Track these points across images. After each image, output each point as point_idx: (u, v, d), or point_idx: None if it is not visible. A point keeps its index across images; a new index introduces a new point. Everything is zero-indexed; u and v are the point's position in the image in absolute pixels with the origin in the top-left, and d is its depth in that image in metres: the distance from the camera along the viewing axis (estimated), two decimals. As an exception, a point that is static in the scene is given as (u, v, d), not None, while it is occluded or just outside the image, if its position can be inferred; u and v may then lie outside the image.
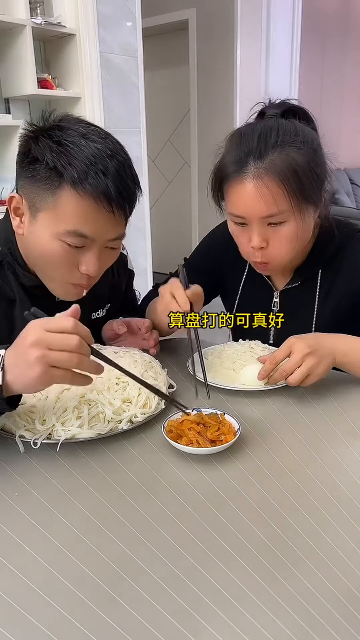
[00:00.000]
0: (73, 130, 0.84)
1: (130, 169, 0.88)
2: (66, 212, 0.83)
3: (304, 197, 0.94)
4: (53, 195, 0.83)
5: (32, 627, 0.49)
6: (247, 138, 0.94)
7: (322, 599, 0.52)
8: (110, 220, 0.86)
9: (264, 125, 0.95)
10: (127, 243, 1.11)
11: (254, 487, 0.69)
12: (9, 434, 0.78)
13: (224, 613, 0.51)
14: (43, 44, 2.70)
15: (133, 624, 0.50)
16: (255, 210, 0.94)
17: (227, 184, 0.97)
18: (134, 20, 2.80)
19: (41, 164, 0.83)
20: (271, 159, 0.91)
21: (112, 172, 0.83)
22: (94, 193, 0.82)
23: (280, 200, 0.92)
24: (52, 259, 0.87)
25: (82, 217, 0.83)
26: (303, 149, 0.93)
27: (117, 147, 0.87)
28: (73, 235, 0.84)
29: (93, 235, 0.85)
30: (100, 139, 0.85)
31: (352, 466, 0.74)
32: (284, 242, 0.97)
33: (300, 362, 0.88)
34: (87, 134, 0.84)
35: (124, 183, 0.85)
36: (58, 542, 0.60)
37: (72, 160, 0.81)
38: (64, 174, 0.81)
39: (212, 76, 4.13)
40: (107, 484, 0.70)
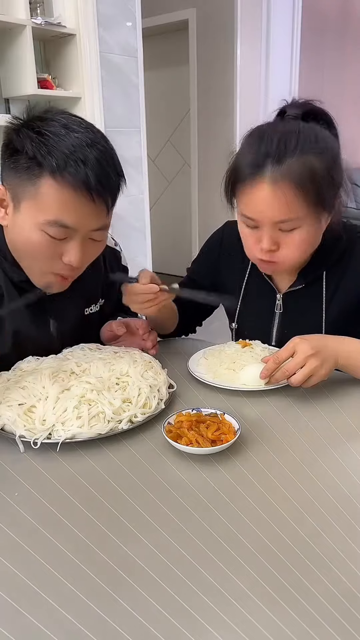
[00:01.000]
0: (54, 121, 0.84)
1: (112, 158, 0.87)
2: (46, 201, 0.83)
3: (320, 203, 0.93)
4: (33, 185, 0.83)
5: (32, 627, 0.49)
6: (266, 140, 0.93)
7: (322, 598, 0.52)
8: (92, 209, 0.85)
9: (285, 127, 0.94)
10: (126, 243, 1.12)
11: (253, 487, 0.69)
12: (9, 434, 0.78)
13: (224, 613, 0.51)
14: (43, 44, 2.70)
15: (133, 623, 0.50)
16: (268, 214, 0.93)
17: (242, 185, 0.95)
18: (134, 20, 2.80)
19: (22, 154, 0.83)
20: (289, 164, 0.90)
21: (92, 161, 0.83)
22: (73, 182, 0.82)
23: (295, 206, 0.91)
24: (34, 250, 0.87)
25: (62, 207, 0.83)
26: (322, 155, 0.91)
27: (98, 137, 0.87)
28: (54, 225, 0.84)
29: (74, 225, 0.85)
30: (82, 129, 0.85)
31: (352, 466, 0.74)
32: (294, 247, 0.97)
33: (303, 362, 0.88)
34: (68, 124, 0.84)
35: (104, 172, 0.84)
36: (58, 542, 0.60)
37: (51, 149, 0.81)
38: (43, 163, 0.81)
39: (212, 76, 4.14)
40: (107, 484, 0.70)
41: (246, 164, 0.94)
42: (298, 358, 0.88)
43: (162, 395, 0.89)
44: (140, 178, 3.04)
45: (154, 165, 4.89)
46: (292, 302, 1.12)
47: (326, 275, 1.09)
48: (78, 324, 1.07)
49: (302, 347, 0.89)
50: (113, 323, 1.08)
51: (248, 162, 0.93)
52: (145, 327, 1.07)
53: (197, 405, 0.88)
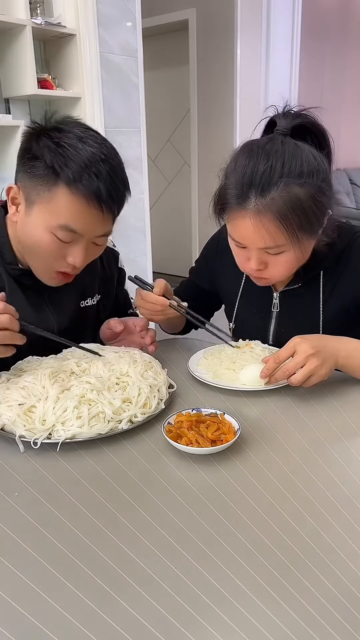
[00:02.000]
0: (72, 133, 0.90)
1: (121, 173, 0.95)
2: (59, 208, 0.90)
3: (303, 232, 0.93)
4: (49, 191, 0.89)
5: (32, 627, 0.49)
6: (251, 167, 0.91)
7: (321, 598, 0.52)
8: (99, 218, 0.92)
9: (271, 150, 0.91)
10: (127, 243, 1.14)
11: (253, 486, 0.69)
12: (9, 434, 0.78)
13: (224, 613, 0.51)
14: (43, 44, 2.69)
15: (133, 623, 0.50)
16: (253, 242, 0.95)
17: (228, 211, 0.96)
18: (134, 20, 2.80)
19: (40, 161, 0.90)
20: (272, 197, 0.89)
21: (104, 175, 0.89)
22: (86, 193, 0.89)
23: (277, 236, 0.92)
24: (42, 249, 0.94)
25: (73, 214, 0.90)
26: (306, 185, 0.90)
27: (111, 152, 0.93)
28: (64, 229, 0.91)
29: (82, 231, 0.92)
30: (97, 143, 0.91)
31: (352, 466, 0.74)
32: (281, 267, 0.99)
33: (303, 362, 0.88)
34: (84, 138, 0.90)
35: (114, 186, 0.91)
36: (58, 542, 0.60)
37: (68, 161, 0.88)
38: (60, 173, 0.88)
39: (212, 76, 4.14)
40: (107, 484, 0.70)
41: (231, 192, 0.93)
42: (298, 357, 0.89)
43: (162, 395, 0.89)
44: (140, 178, 3.03)
45: (154, 165, 4.89)
46: (289, 301, 1.13)
47: (323, 275, 1.09)
48: (74, 315, 1.12)
49: (302, 347, 0.89)
50: (111, 321, 1.10)
51: (233, 191, 0.93)
52: (143, 325, 1.09)
53: (197, 405, 0.88)
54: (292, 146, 0.92)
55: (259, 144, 0.94)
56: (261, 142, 0.95)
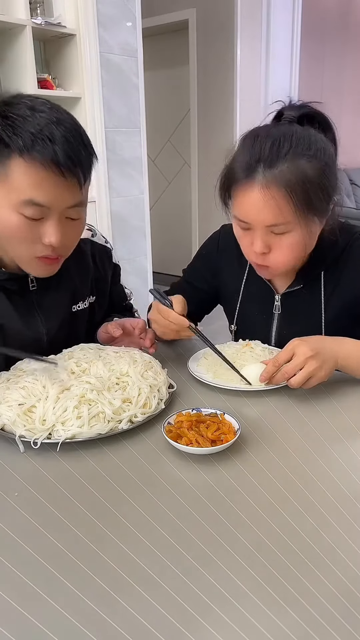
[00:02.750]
0: (20, 104, 0.85)
1: (80, 135, 0.88)
2: (18, 182, 0.84)
3: (311, 209, 0.93)
4: (3, 167, 0.84)
5: (32, 627, 0.49)
6: (260, 143, 0.93)
7: (321, 598, 0.52)
8: (64, 186, 0.86)
9: (279, 130, 0.93)
10: (127, 243, 1.13)
11: (253, 486, 0.69)
12: (9, 434, 0.78)
13: (224, 613, 0.51)
14: (43, 44, 2.70)
15: (133, 623, 0.50)
16: (259, 218, 0.93)
17: (235, 187, 0.96)
18: (134, 20, 2.80)
19: None
20: (281, 169, 0.90)
21: (59, 139, 0.83)
22: (42, 160, 0.83)
23: (285, 211, 0.91)
24: (13, 233, 0.88)
25: (34, 186, 0.84)
26: (315, 161, 0.91)
27: (65, 116, 0.87)
28: (29, 205, 0.85)
29: (48, 203, 0.86)
30: (47, 109, 0.86)
31: (352, 466, 0.74)
32: (286, 251, 0.97)
33: (302, 364, 0.88)
34: (33, 106, 0.85)
35: (73, 148, 0.85)
36: (58, 542, 0.60)
37: (18, 130, 0.82)
38: (11, 144, 0.82)
39: (212, 76, 4.13)
40: (107, 484, 0.70)
41: (239, 167, 0.94)
42: (297, 360, 0.88)
43: (162, 395, 0.89)
44: (140, 178, 3.04)
45: (154, 165, 4.89)
46: (290, 303, 1.12)
47: (324, 276, 1.09)
48: (65, 321, 1.08)
49: (301, 349, 0.89)
50: (109, 325, 1.07)
51: (241, 165, 0.93)
52: (142, 327, 1.07)
53: (197, 405, 0.88)
54: (299, 128, 0.94)
55: (266, 128, 0.97)
56: (268, 126, 0.97)
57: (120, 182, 2.91)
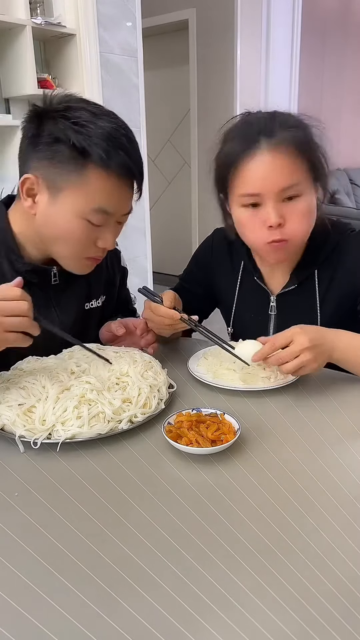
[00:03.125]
0: (84, 110, 0.87)
1: (137, 145, 0.92)
2: (94, 190, 0.86)
3: (315, 173, 0.96)
4: (78, 174, 0.86)
5: (32, 627, 0.49)
6: (253, 121, 0.96)
7: (322, 598, 0.52)
8: (128, 194, 0.91)
9: (265, 113, 0.98)
10: (127, 243, 1.13)
11: (253, 487, 0.69)
12: (9, 434, 0.78)
13: (224, 613, 0.51)
14: (43, 44, 2.69)
15: (133, 623, 0.50)
16: (273, 182, 0.93)
17: (237, 165, 0.96)
18: (134, 20, 2.80)
19: (64, 144, 0.85)
20: (282, 134, 0.93)
21: (129, 149, 0.87)
22: (118, 170, 0.86)
23: (297, 169, 0.94)
24: (73, 237, 0.90)
25: (107, 195, 0.87)
26: (308, 129, 0.96)
27: (122, 123, 0.91)
28: (98, 212, 0.88)
29: (114, 211, 0.89)
30: (110, 117, 0.89)
31: (352, 466, 0.74)
32: (301, 217, 0.97)
33: (298, 353, 0.88)
34: (97, 114, 0.87)
35: (137, 156, 0.89)
36: (58, 542, 0.60)
37: (95, 140, 0.84)
38: (92, 153, 0.84)
39: (212, 76, 4.13)
40: (107, 484, 0.70)
41: (238, 144, 0.95)
42: (294, 348, 0.89)
43: (162, 395, 0.89)
44: (140, 178, 3.03)
45: (154, 165, 4.89)
46: (286, 303, 1.13)
47: (318, 274, 1.09)
48: (79, 317, 1.09)
49: (300, 339, 0.89)
50: (112, 324, 1.08)
51: (239, 142, 0.95)
52: (143, 327, 1.07)
53: (197, 405, 0.88)
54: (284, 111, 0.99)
55: (249, 114, 1.01)
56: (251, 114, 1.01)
57: (120, 182, 2.90)
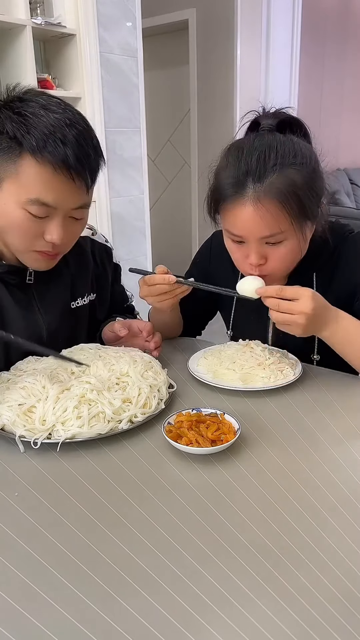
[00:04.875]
0: (34, 102, 0.86)
1: (90, 138, 0.89)
2: (27, 180, 0.85)
3: (303, 215, 0.93)
4: (14, 164, 0.85)
5: (32, 627, 0.49)
6: (245, 157, 0.93)
7: (321, 598, 0.52)
8: (71, 188, 0.87)
9: (262, 143, 0.93)
10: (127, 243, 1.12)
11: (253, 487, 0.69)
12: (9, 434, 0.78)
13: (224, 613, 0.51)
14: (43, 44, 2.69)
15: (133, 623, 0.50)
16: (254, 231, 0.93)
17: (224, 204, 0.96)
18: (134, 20, 2.80)
19: (3, 135, 0.85)
20: (271, 181, 0.90)
21: (71, 141, 0.85)
22: (52, 161, 0.84)
23: (280, 221, 0.92)
24: (17, 228, 0.89)
25: (43, 186, 0.85)
26: (302, 169, 0.92)
27: (77, 117, 0.89)
28: (36, 203, 0.86)
29: (55, 203, 0.87)
30: (60, 109, 0.87)
31: (352, 466, 0.74)
32: (282, 259, 0.98)
33: (295, 313, 0.88)
34: (47, 105, 0.86)
35: (83, 151, 0.86)
36: (58, 542, 0.60)
37: (31, 129, 0.83)
38: (24, 142, 0.83)
39: (212, 76, 4.13)
40: (107, 484, 0.70)
41: (227, 184, 0.94)
42: (295, 307, 0.88)
43: (162, 395, 0.89)
44: (140, 178, 3.03)
45: (154, 165, 4.88)
46: None
47: (316, 277, 1.09)
48: (65, 317, 1.08)
49: (306, 303, 0.88)
50: (116, 324, 1.07)
51: (229, 182, 0.93)
52: (149, 330, 1.06)
53: (197, 405, 0.88)
54: (280, 137, 0.95)
55: (247, 140, 0.96)
56: (249, 139, 0.97)
57: (120, 182, 2.90)
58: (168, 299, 1.01)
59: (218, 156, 0.99)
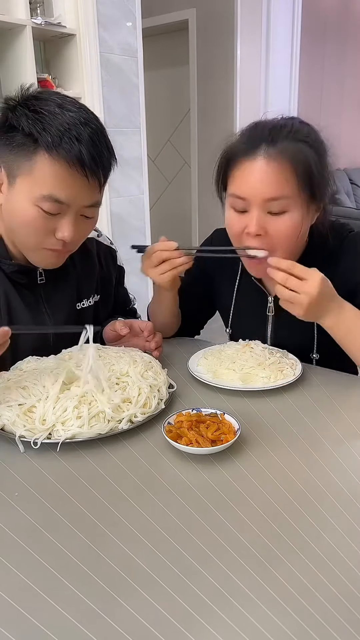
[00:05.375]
0: (50, 100, 0.87)
1: (104, 137, 0.91)
2: (41, 176, 0.86)
3: (311, 189, 0.95)
4: (29, 160, 0.86)
5: (32, 627, 0.49)
6: (260, 127, 0.97)
7: (321, 598, 0.52)
8: (85, 185, 0.88)
9: (278, 120, 0.98)
10: (127, 243, 1.12)
11: (253, 487, 0.69)
12: (9, 434, 0.78)
13: (224, 613, 0.51)
14: (43, 44, 2.69)
15: (133, 623, 0.50)
16: (260, 190, 0.93)
17: (235, 163, 0.97)
18: (134, 20, 2.80)
19: (18, 131, 0.86)
20: (284, 145, 0.93)
21: (85, 139, 0.86)
22: (67, 158, 0.85)
23: (288, 183, 0.93)
24: (28, 224, 0.90)
25: (56, 182, 0.86)
26: (313, 145, 0.95)
27: (91, 116, 0.90)
28: (48, 200, 0.87)
29: (67, 200, 0.88)
30: (75, 108, 0.88)
31: (352, 466, 0.74)
32: (282, 232, 0.96)
33: (300, 291, 0.88)
34: (62, 104, 0.87)
35: (97, 150, 0.88)
36: (58, 542, 0.60)
37: (47, 126, 0.84)
38: (39, 139, 0.84)
39: (212, 76, 4.13)
40: (107, 484, 0.70)
41: (240, 146, 0.96)
42: (302, 286, 0.88)
43: (162, 395, 0.89)
44: (140, 178, 3.03)
45: (154, 165, 4.89)
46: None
47: None
48: (71, 317, 1.09)
49: (314, 284, 0.88)
50: (117, 323, 1.07)
51: (242, 145, 0.96)
52: (150, 330, 1.06)
53: (197, 405, 0.88)
54: (298, 120, 0.99)
55: (265, 119, 1.01)
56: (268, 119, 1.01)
57: (120, 182, 2.90)
58: (168, 270, 1.00)
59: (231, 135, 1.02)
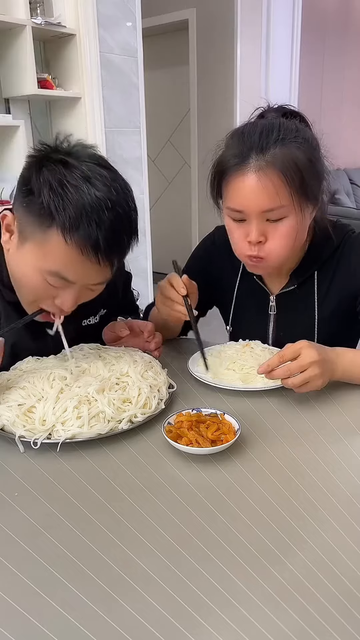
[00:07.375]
0: (79, 170, 0.80)
1: (128, 222, 0.85)
2: (51, 254, 0.82)
3: (304, 192, 0.94)
4: (43, 233, 0.81)
5: (32, 627, 0.49)
6: (249, 134, 0.95)
7: (321, 598, 0.52)
8: (95, 268, 0.84)
9: (266, 122, 0.96)
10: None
11: (253, 487, 0.69)
12: (9, 434, 0.78)
13: (223, 612, 0.51)
14: (43, 44, 2.69)
15: (133, 623, 0.50)
16: (255, 203, 0.93)
17: (227, 177, 0.96)
18: (134, 20, 2.80)
19: (37, 198, 0.80)
20: (273, 153, 0.92)
21: (105, 224, 0.80)
22: (81, 244, 0.79)
23: (281, 193, 0.92)
24: (30, 287, 0.88)
25: (66, 263, 0.82)
26: (304, 146, 0.93)
27: (120, 197, 0.82)
28: (55, 276, 0.83)
29: (75, 280, 0.84)
30: (105, 185, 0.80)
31: (352, 466, 0.74)
32: (282, 239, 0.96)
33: (306, 367, 0.86)
34: (91, 178, 0.80)
35: (117, 237, 0.82)
36: (58, 542, 0.60)
37: (66, 205, 0.78)
38: (56, 217, 0.79)
39: (212, 76, 4.13)
40: (107, 484, 0.70)
41: (231, 156, 0.95)
42: (303, 361, 0.86)
43: (162, 395, 0.89)
44: (140, 178, 3.03)
45: (154, 165, 4.89)
46: (285, 304, 1.12)
47: (317, 275, 1.09)
48: (76, 335, 1.05)
49: (309, 352, 0.87)
50: (116, 324, 1.06)
51: (232, 156, 0.95)
52: (150, 330, 1.05)
53: (197, 405, 0.88)
54: (284, 119, 0.97)
55: (251, 122, 1.00)
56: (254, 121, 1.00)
57: (120, 182, 2.91)
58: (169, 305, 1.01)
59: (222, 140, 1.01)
